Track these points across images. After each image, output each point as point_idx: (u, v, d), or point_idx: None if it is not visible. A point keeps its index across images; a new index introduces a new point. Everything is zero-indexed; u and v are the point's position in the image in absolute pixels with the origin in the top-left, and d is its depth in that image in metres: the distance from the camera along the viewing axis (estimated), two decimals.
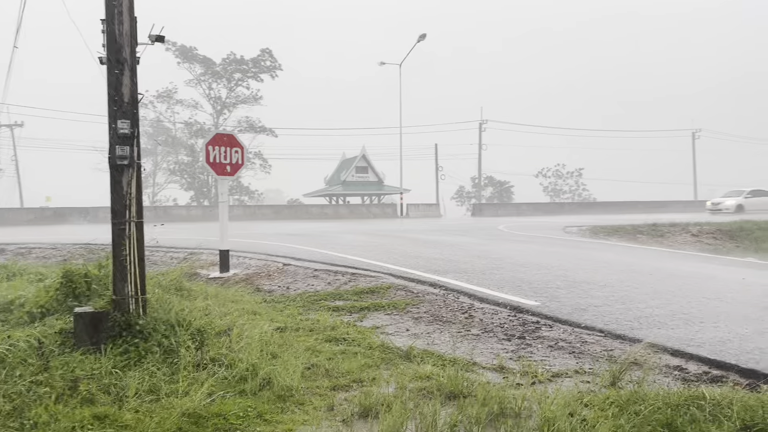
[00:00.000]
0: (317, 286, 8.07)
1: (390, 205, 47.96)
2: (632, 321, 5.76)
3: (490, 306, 6.57)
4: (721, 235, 19.28)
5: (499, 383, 4.05)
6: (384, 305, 6.68)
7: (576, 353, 4.89)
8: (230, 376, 4.05)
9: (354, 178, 55.34)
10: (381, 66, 46.82)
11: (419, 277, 8.27)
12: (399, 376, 4.12)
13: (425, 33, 43.02)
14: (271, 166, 60.66)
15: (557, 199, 71.90)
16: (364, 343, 5.05)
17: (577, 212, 45.26)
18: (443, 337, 5.43)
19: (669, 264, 10.89)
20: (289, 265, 9.80)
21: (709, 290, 7.65)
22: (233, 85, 59.59)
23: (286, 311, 6.49)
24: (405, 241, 15.08)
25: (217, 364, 4.25)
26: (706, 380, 4.10)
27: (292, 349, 4.74)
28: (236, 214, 38.61)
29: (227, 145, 9.48)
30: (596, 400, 3.58)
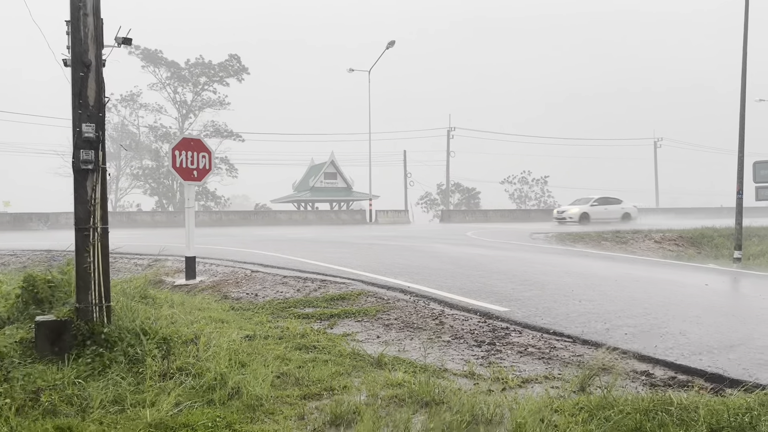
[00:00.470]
0: (286, 293, 7.98)
1: (359, 212, 47.87)
2: (599, 326, 5.84)
3: (460, 312, 6.60)
4: (682, 242, 19.77)
5: (471, 389, 4.05)
6: (354, 312, 6.65)
7: (545, 359, 4.94)
8: (198, 386, 3.96)
9: (323, 184, 55.13)
10: (350, 72, 46.84)
11: (390, 283, 8.26)
12: (370, 384, 4.09)
13: (394, 40, 43.20)
14: (238, 172, 60.08)
15: (523, 206, 72.75)
16: (334, 350, 5.01)
17: (543, 219, 45.83)
18: (414, 343, 5.43)
19: (634, 270, 11.11)
20: (257, 272, 9.69)
21: (674, 296, 7.82)
22: (199, 89, 58.88)
23: (254, 319, 6.40)
24: (374, 247, 15.06)
25: (185, 373, 4.16)
26: (672, 385, 4.18)
27: (262, 357, 4.67)
28: (202, 220, 38.05)
29: (194, 150, 9.34)
30: (566, 406, 3.61)
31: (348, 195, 55.66)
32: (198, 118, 59.76)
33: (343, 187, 55.64)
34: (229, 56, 57.89)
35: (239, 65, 58.21)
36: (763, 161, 19.42)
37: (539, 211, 57.13)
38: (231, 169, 59.55)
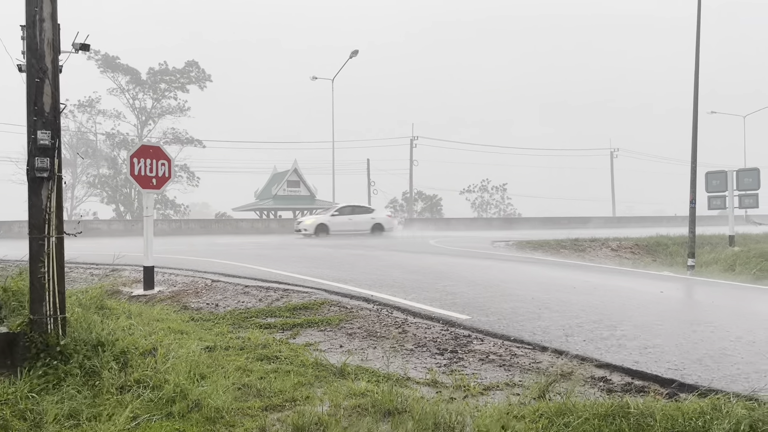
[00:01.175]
0: (248, 303, 7.89)
1: None
2: (559, 333, 5.94)
3: (423, 320, 6.63)
4: (638, 250, 20.28)
5: (433, 398, 4.08)
6: (317, 321, 6.61)
7: (506, 366, 5.00)
8: (156, 398, 3.88)
9: (285, 192, 54.74)
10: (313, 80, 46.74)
11: (353, 292, 8.24)
12: (333, 394, 4.08)
13: (357, 49, 43.34)
14: (199, 179, 59.20)
15: (484, 214, 73.63)
16: (297, 360, 4.97)
17: (504, 227, 46.49)
18: (377, 352, 5.43)
19: (592, 278, 11.35)
20: (218, 282, 9.55)
21: (631, 303, 8.02)
22: (159, 96, 57.92)
23: (215, 329, 6.30)
24: (338, 255, 15.02)
25: (143, 385, 4.07)
26: (629, 391, 4.28)
27: (222, 368, 4.60)
28: (161, 229, 37.32)
29: (153, 158, 9.17)
30: (527, 413, 3.66)
31: (311, 203, 55.40)
32: (157, 124, 58.78)
33: (307, 195, 55.37)
34: (188, 63, 57.16)
35: (201, 73, 57.53)
36: (715, 172, 20.13)
37: (500, 219, 57.88)
38: (191, 177, 58.68)
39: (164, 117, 58.62)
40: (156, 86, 57.19)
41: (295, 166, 55.08)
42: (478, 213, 74.95)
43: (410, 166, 59.20)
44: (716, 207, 20.17)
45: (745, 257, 16.88)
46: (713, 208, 20.33)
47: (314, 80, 46.37)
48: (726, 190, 19.48)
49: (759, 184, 19.14)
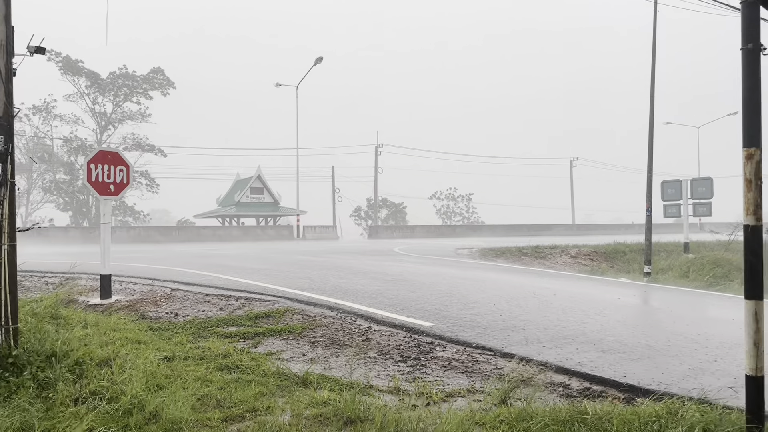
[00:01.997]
0: (209, 312, 7.77)
1: (286, 227, 47.32)
2: (520, 339, 6.02)
3: (387, 328, 6.63)
4: (597, 257, 20.70)
5: (396, 405, 4.08)
6: (280, 330, 6.55)
7: (468, 372, 5.04)
8: (113, 410, 3.78)
9: (249, 199, 54.12)
10: (277, 87, 46.49)
11: (316, 300, 8.20)
12: (295, 403, 4.04)
13: (322, 56, 43.31)
14: (159, 186, 58.11)
15: (449, 222, 74.23)
16: (258, 370, 4.91)
17: (468, 234, 46.93)
18: (340, 360, 5.41)
19: (552, 284, 11.54)
20: (177, 290, 9.38)
21: (589, 309, 8.17)
22: (120, 100, 56.72)
23: (174, 339, 6.18)
24: (301, 263, 14.92)
25: (99, 397, 3.96)
26: (588, 396, 4.36)
27: (181, 379, 4.52)
28: (120, 237, 36.48)
29: (111, 164, 8.98)
30: (488, 419, 3.70)
31: (275, 210, 54.94)
32: (117, 130, 57.52)
33: (270, 203, 54.88)
34: (152, 69, 56.21)
35: (164, 79, 56.59)
36: (670, 181, 20.72)
37: (464, 226, 58.39)
38: (152, 183, 57.54)
39: (125, 122, 57.43)
40: (118, 90, 56.01)
41: (258, 172, 54.56)
42: (443, 220, 75.53)
43: (375, 173, 59.32)
44: (671, 215, 20.76)
45: (699, 264, 17.39)
46: (669, 216, 20.92)
47: (278, 87, 46.17)
48: (681, 198, 20.06)
49: (712, 193, 19.77)
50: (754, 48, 3.21)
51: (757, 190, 3.23)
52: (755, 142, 3.23)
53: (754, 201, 3.23)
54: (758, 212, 3.25)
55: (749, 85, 3.24)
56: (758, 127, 3.24)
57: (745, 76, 3.25)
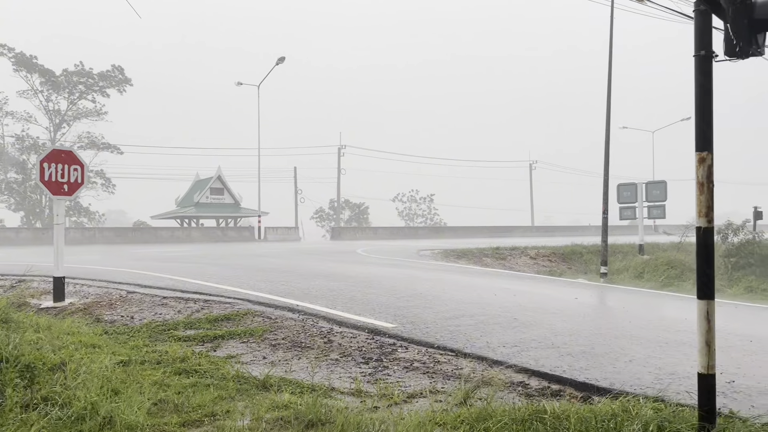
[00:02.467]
0: (166, 315, 7.61)
1: (247, 228, 46.75)
2: (481, 340, 6.07)
3: (349, 330, 6.60)
4: (555, 258, 21.09)
5: (357, 407, 4.06)
6: (240, 333, 6.46)
7: (430, 373, 5.06)
8: (65, 417, 3.66)
9: (208, 199, 53.24)
10: (238, 86, 45.93)
11: (278, 302, 8.11)
12: (255, 407, 3.98)
13: (284, 56, 42.98)
14: (116, 186, 56.72)
15: (411, 224, 74.59)
16: (217, 374, 4.82)
17: (430, 236, 47.20)
18: (302, 363, 5.36)
19: (512, 285, 11.69)
20: (134, 293, 9.16)
21: (548, 310, 8.31)
22: (75, 98, 55.14)
23: (130, 343, 6.03)
24: (263, 265, 14.76)
25: (51, 403, 3.83)
26: (546, 395, 4.42)
27: (137, 384, 4.40)
28: (74, 238, 35.44)
29: (65, 163, 8.72)
30: (449, 419, 3.71)
31: (236, 211, 54.21)
32: (72, 128, 55.91)
33: (231, 203, 54.12)
34: (113, 67, 54.83)
35: (122, 76, 55.26)
36: (625, 183, 21.25)
37: (426, 228, 58.77)
38: (107, 183, 56.14)
39: (80, 120, 55.86)
40: (73, 88, 54.43)
41: (219, 173, 53.75)
42: (405, 222, 75.82)
43: (338, 174, 59.16)
44: (627, 217, 21.29)
45: (653, 265, 17.89)
46: (624, 219, 21.44)
47: (239, 86, 45.63)
48: (636, 201, 20.59)
49: (666, 196, 20.36)
50: (706, 55, 3.31)
51: (708, 192, 3.33)
52: (707, 146, 3.33)
53: (706, 203, 3.33)
54: (710, 214, 3.35)
55: (702, 90, 3.34)
56: (710, 132, 3.34)
57: (697, 82, 3.34)
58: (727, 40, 3.27)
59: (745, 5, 3.16)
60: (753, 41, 3.20)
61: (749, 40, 3.18)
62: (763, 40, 3.28)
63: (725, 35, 3.27)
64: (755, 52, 3.25)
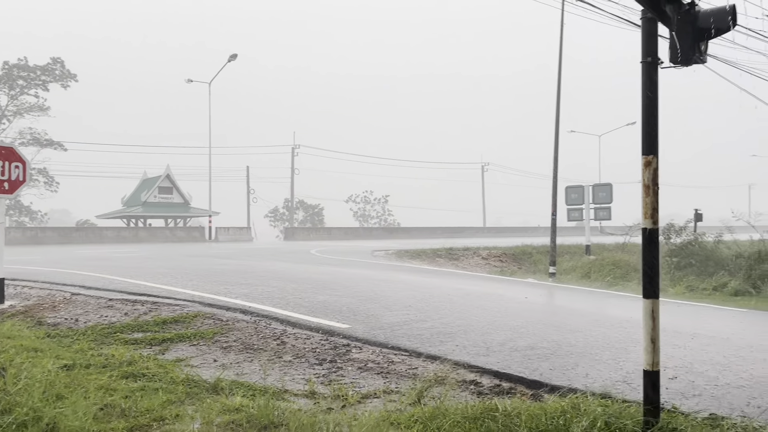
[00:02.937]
0: (112, 318, 7.38)
1: (197, 228, 45.83)
2: (434, 339, 6.12)
3: (302, 331, 6.55)
4: (506, 258, 21.44)
5: (311, 409, 4.03)
6: (189, 335, 6.31)
7: (384, 373, 5.06)
8: (6, 424, 3.50)
9: (157, 199, 51.91)
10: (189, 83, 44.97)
11: (229, 304, 7.98)
12: (205, 411, 3.90)
13: (236, 53, 42.34)
14: (59, 184, 54.75)
15: (366, 224, 74.62)
16: (166, 377, 4.70)
17: (384, 237, 47.32)
18: (254, 365, 5.28)
19: (465, 285, 11.83)
20: (78, 295, 8.85)
21: (499, 309, 8.44)
22: (16, 93, 52.93)
23: (74, 347, 5.82)
24: (213, 266, 14.49)
25: None
26: (498, 393, 4.49)
27: (82, 388, 4.25)
28: (14, 238, 34.01)
29: (5, 159, 8.36)
30: (402, 419, 3.72)
31: (185, 211, 53.06)
32: (13, 124, 53.65)
33: (180, 203, 52.93)
34: (52, 60, 52.83)
35: (64, 71, 53.33)
36: (573, 186, 21.78)
37: (381, 229, 58.93)
38: (50, 181, 54.15)
39: (21, 116, 53.65)
40: (13, 82, 52.21)
41: (167, 171, 52.48)
42: (360, 223, 75.80)
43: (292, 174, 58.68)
44: (574, 219, 21.83)
45: (600, 265, 18.38)
46: (572, 220, 21.99)
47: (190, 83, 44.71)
48: (583, 203, 21.13)
49: (611, 198, 20.96)
50: (652, 61, 3.42)
51: (654, 195, 3.44)
52: (653, 150, 3.44)
53: (652, 205, 3.44)
54: (655, 216, 3.46)
55: (648, 96, 3.45)
56: (656, 136, 3.45)
57: (644, 87, 3.45)
58: (672, 47, 3.39)
59: (690, 14, 3.28)
60: (696, 49, 3.33)
61: (693, 48, 3.31)
62: (705, 48, 3.41)
63: (670, 43, 3.38)
64: (698, 60, 3.38)
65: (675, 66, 3.45)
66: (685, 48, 3.30)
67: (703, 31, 3.33)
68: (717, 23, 3.28)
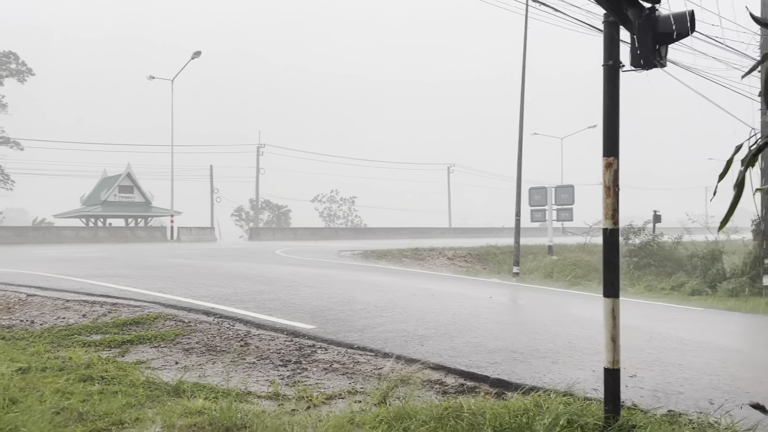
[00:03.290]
0: (70, 319, 7.18)
1: (159, 228, 44.97)
2: (400, 339, 6.12)
3: (266, 332, 6.48)
4: (471, 258, 21.64)
5: (275, 411, 3.98)
6: (150, 337, 6.18)
7: (349, 374, 5.04)
8: None
9: (117, 198, 50.79)
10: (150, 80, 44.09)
11: (191, 305, 7.84)
12: (166, 414, 3.82)
13: (200, 51, 41.71)
14: (15, 183, 53.07)
15: (332, 225, 74.33)
16: (126, 380, 4.59)
17: (351, 237, 47.19)
18: (217, 367, 5.20)
19: (430, 285, 11.89)
20: (34, 296, 8.59)
21: (464, 308, 8.50)
22: None
23: (30, 349, 5.64)
24: (175, 266, 14.23)
25: None
26: (463, 392, 4.52)
27: (38, 392, 4.12)
28: None
29: None
30: (368, 419, 3.71)
31: (146, 210, 52.04)
32: None
33: (141, 202, 51.90)
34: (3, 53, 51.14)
35: (21, 65, 51.68)
36: (536, 187, 22.10)
37: (347, 229, 58.77)
38: (6, 179, 52.43)
39: None
40: None
41: (128, 170, 51.39)
42: (326, 223, 75.47)
43: (257, 174, 58.08)
44: (538, 219, 22.15)
45: (562, 265, 18.71)
46: (535, 221, 22.30)
47: (152, 80, 43.86)
48: (546, 204, 21.46)
49: (573, 200, 21.34)
50: (614, 64, 3.49)
51: (615, 196, 3.51)
52: (614, 151, 3.51)
53: (612, 206, 3.51)
54: (616, 216, 3.53)
55: (609, 98, 3.51)
56: (617, 138, 3.52)
57: (606, 90, 3.52)
58: (633, 51, 3.46)
59: (651, 18, 3.36)
60: (656, 53, 3.40)
61: (653, 52, 3.38)
62: (665, 52, 3.49)
63: (632, 46, 3.45)
64: (658, 64, 3.45)
65: (636, 69, 3.52)
66: (646, 52, 3.38)
67: (664, 35, 3.41)
68: (677, 28, 3.36)
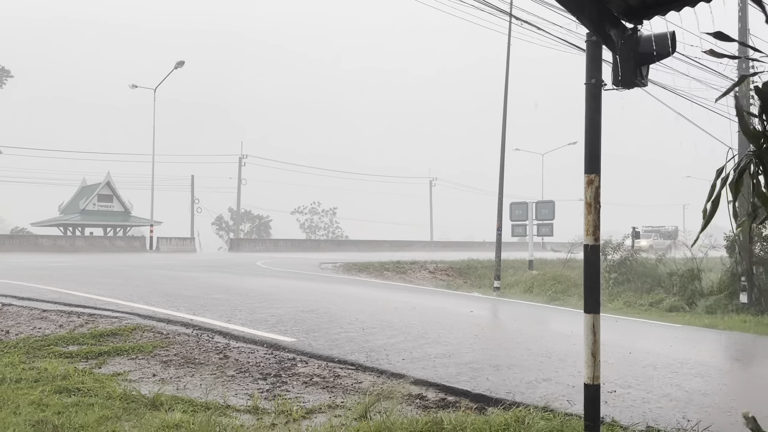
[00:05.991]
0: (46, 330, 7.05)
1: (138, 238, 44.45)
2: (381, 353, 6.10)
3: (246, 345, 6.42)
4: (452, 272, 21.67)
5: (254, 425, 3.94)
6: (128, 349, 6.09)
7: (329, 388, 5.01)
8: None
9: (96, 207, 50.13)
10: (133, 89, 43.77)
11: (170, 316, 7.74)
12: (143, 427, 3.76)
13: (183, 60, 41.57)
14: None
15: (313, 236, 74.08)
16: (102, 392, 4.51)
17: (332, 249, 47.05)
18: (195, 380, 5.13)
19: (412, 299, 11.88)
20: (9, 306, 8.43)
21: (444, 323, 8.51)
22: None
23: (4, 360, 5.52)
24: (154, 277, 14.06)
25: None
26: (444, 406, 4.51)
27: (12, 403, 4.04)
28: None
29: None
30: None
31: (126, 220, 51.44)
32: None
33: (121, 212, 51.29)
34: None
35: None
36: (518, 202, 22.26)
37: (329, 241, 58.61)
38: None
39: None
40: None
41: (108, 179, 50.81)
42: (307, 235, 75.18)
43: (238, 185, 57.76)
44: (518, 234, 22.28)
45: (542, 279, 18.81)
46: (516, 235, 22.45)
47: (134, 89, 43.55)
48: (527, 219, 21.61)
49: (554, 215, 21.52)
50: (596, 83, 3.54)
51: (596, 212, 3.55)
52: (595, 168, 3.55)
53: (593, 223, 3.54)
54: (597, 233, 3.56)
55: (591, 116, 3.57)
56: (598, 156, 3.57)
57: (587, 108, 3.57)
58: (615, 70, 3.52)
59: (632, 38, 3.43)
60: (638, 73, 3.47)
61: (635, 72, 3.45)
62: (646, 71, 3.56)
63: (613, 66, 3.52)
64: (639, 83, 3.52)
65: (617, 88, 3.58)
66: (627, 71, 3.44)
67: (645, 55, 3.48)
68: (658, 48, 3.43)
